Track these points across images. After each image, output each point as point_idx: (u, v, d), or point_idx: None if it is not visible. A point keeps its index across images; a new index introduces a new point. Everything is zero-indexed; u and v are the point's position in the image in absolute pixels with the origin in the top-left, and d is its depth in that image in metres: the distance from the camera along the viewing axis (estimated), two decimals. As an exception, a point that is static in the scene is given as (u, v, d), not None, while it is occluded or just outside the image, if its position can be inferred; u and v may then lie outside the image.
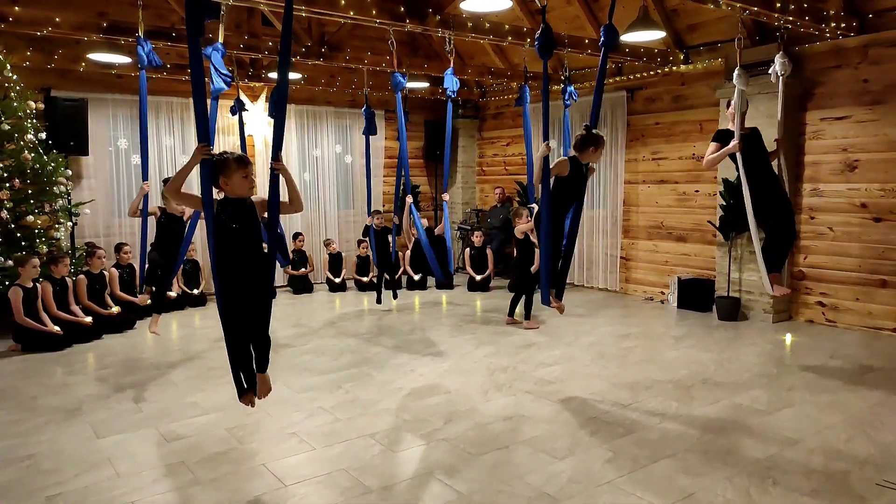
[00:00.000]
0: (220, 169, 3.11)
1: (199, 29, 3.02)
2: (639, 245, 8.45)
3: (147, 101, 5.00)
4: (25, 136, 6.53)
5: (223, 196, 3.18)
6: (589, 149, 4.36)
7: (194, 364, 5.44)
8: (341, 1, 5.03)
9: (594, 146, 4.35)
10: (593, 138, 4.33)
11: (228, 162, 3.13)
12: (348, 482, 3.28)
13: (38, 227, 6.54)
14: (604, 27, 4.21)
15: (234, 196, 3.16)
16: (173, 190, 3.19)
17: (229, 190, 3.15)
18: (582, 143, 4.35)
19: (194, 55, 3.02)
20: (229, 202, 3.16)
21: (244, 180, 3.15)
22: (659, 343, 6.07)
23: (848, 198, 6.40)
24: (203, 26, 3.04)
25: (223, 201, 3.18)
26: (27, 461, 3.55)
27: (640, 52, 7.25)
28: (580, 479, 3.29)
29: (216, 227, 3.10)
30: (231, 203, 3.16)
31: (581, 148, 4.36)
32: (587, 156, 4.39)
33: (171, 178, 3.22)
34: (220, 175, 3.11)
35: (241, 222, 3.14)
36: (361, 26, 6.07)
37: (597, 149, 4.36)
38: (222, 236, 3.12)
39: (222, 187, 3.15)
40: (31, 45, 6.98)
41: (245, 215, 3.16)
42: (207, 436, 3.88)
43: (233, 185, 3.13)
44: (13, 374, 5.22)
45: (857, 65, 6.26)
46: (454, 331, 6.62)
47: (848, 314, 6.47)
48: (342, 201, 10.02)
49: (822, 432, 3.87)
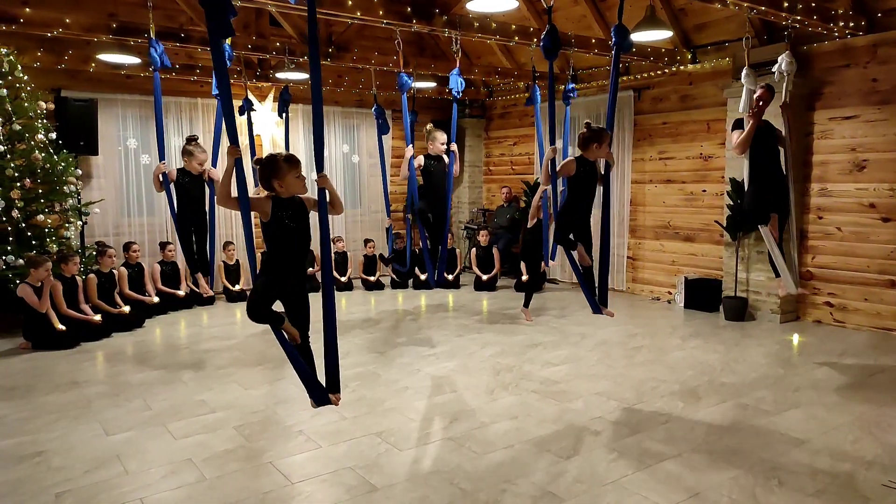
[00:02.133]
0: (272, 172, 3.15)
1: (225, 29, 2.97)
2: (646, 245, 8.43)
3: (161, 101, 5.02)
4: (36, 136, 6.60)
5: (272, 195, 3.21)
6: (592, 146, 4.35)
7: (202, 363, 5.48)
8: (348, 2, 5.06)
9: (596, 142, 4.32)
10: (593, 135, 4.32)
11: (279, 163, 3.16)
12: (354, 480, 3.30)
13: (49, 227, 6.61)
14: (614, 28, 4.20)
15: (288, 196, 3.21)
16: (223, 196, 3.23)
17: (284, 191, 3.20)
18: (584, 141, 4.36)
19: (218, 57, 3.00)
20: (284, 201, 3.21)
21: (297, 179, 3.21)
22: (665, 343, 6.06)
23: (856, 198, 6.37)
24: (229, 25, 2.99)
25: (277, 200, 3.21)
26: (37, 458, 3.59)
27: (648, 51, 7.23)
28: (585, 479, 3.30)
29: (274, 226, 3.17)
30: (285, 202, 3.21)
31: (584, 146, 4.38)
32: (592, 153, 4.37)
33: (218, 188, 3.26)
34: (273, 179, 3.16)
35: (296, 221, 3.23)
36: (369, 27, 6.08)
37: (600, 144, 4.31)
38: (281, 235, 3.21)
39: (277, 189, 3.18)
40: (41, 46, 7.04)
41: (300, 213, 3.25)
42: (215, 434, 3.91)
43: (287, 185, 3.19)
44: (23, 371, 5.28)
45: (866, 64, 6.23)
46: (460, 330, 6.63)
47: (856, 315, 6.44)
48: (349, 201, 10.05)
49: (829, 433, 3.86)
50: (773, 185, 5.11)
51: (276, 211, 3.18)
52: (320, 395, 3.36)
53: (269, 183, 3.18)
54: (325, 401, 3.37)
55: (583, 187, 4.42)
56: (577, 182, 4.41)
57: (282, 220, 3.19)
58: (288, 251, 3.27)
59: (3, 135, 6.40)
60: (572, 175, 4.38)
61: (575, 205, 4.48)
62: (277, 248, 3.25)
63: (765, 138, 5.10)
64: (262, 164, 3.20)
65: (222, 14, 2.92)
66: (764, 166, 5.08)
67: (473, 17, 5.98)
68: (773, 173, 5.13)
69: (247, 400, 4.52)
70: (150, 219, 8.42)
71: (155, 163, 8.35)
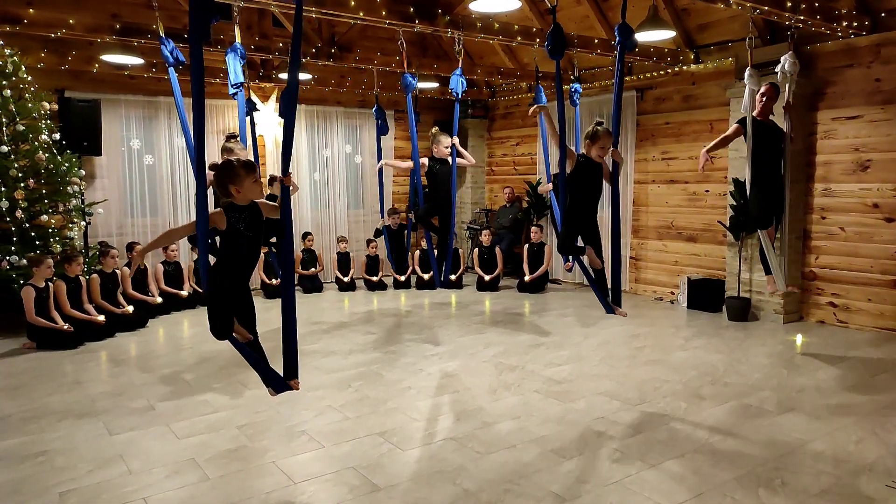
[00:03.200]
0: (229, 178, 3.11)
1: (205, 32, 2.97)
2: (648, 245, 8.42)
3: (181, 98, 4.94)
4: (40, 136, 6.62)
5: (227, 203, 3.17)
6: (585, 142, 4.36)
7: (205, 363, 5.49)
8: (351, 2, 5.06)
9: (590, 140, 4.31)
10: (589, 132, 4.33)
11: (237, 169, 3.12)
12: (357, 480, 3.30)
13: (52, 227, 6.63)
14: (618, 26, 4.19)
15: (245, 202, 3.18)
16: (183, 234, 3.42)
17: (242, 197, 3.16)
18: (587, 139, 4.37)
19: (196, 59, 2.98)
20: (238, 209, 3.18)
21: (255, 184, 3.16)
22: (668, 343, 6.05)
23: (860, 198, 6.35)
24: (209, 30, 3.00)
25: (232, 207, 3.17)
26: (41, 457, 3.60)
27: (650, 51, 7.23)
28: (588, 479, 3.29)
29: (230, 235, 3.15)
30: (239, 210, 3.17)
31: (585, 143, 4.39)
32: (587, 149, 4.36)
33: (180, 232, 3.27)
34: (230, 184, 3.11)
35: (251, 229, 3.21)
36: (371, 27, 6.09)
37: (593, 143, 4.28)
38: (234, 243, 3.19)
39: (234, 195, 3.14)
40: (45, 47, 7.06)
41: (255, 220, 3.23)
42: (218, 434, 3.92)
43: (245, 191, 3.15)
44: (27, 371, 5.29)
45: (870, 64, 6.22)
46: (463, 330, 6.63)
47: (859, 315, 6.42)
48: (352, 201, 10.06)
49: (832, 434, 3.86)
50: (774, 188, 5.13)
51: (229, 219, 3.14)
52: (278, 383, 3.41)
53: (227, 188, 3.13)
54: (284, 387, 3.42)
55: (582, 183, 4.35)
56: (577, 180, 4.36)
57: (237, 229, 3.16)
58: (239, 258, 3.27)
59: (7, 135, 6.41)
60: (572, 171, 4.34)
61: (579, 206, 4.40)
62: (230, 255, 3.25)
63: (770, 139, 5.11)
64: (218, 170, 3.15)
65: (207, 16, 2.92)
66: (766, 168, 5.09)
67: (476, 17, 5.98)
68: (774, 175, 5.15)
69: (249, 400, 4.53)
70: (153, 219, 8.44)
71: (158, 163, 8.40)
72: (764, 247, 5.23)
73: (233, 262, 3.27)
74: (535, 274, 8.83)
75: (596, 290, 4.63)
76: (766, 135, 5.08)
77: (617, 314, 4.61)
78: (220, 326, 3.28)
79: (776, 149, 5.14)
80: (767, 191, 5.10)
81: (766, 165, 5.08)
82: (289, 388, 3.41)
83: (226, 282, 3.28)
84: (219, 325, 3.27)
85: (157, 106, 8.29)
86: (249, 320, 3.47)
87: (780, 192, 5.19)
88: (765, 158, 5.07)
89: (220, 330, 3.28)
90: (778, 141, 5.15)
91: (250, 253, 3.30)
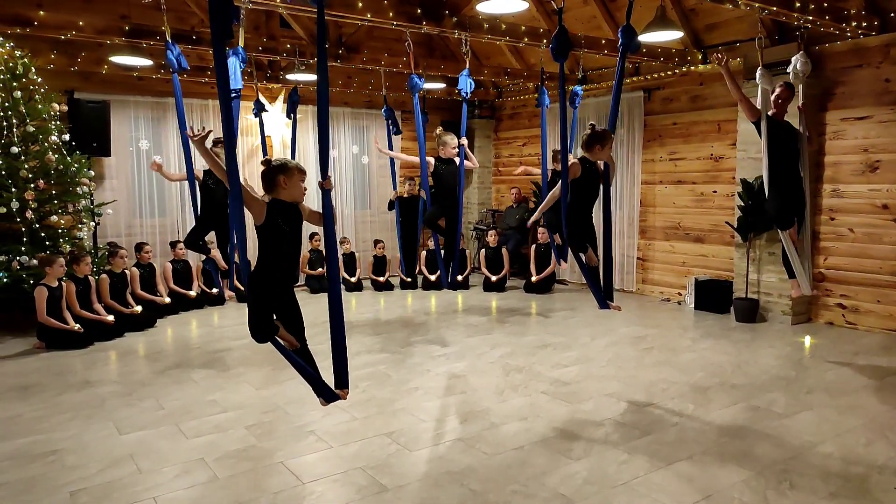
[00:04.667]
0: (281, 170, 3.21)
1: (227, 32, 3.00)
2: (656, 246, 8.40)
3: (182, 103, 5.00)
4: (49, 137, 6.67)
5: (271, 199, 3.24)
6: (595, 147, 4.36)
7: (214, 363, 5.52)
8: (358, 3, 5.07)
9: (599, 144, 4.33)
10: (597, 136, 4.34)
11: (291, 166, 3.25)
12: (364, 480, 3.31)
13: (62, 227, 6.68)
14: (621, 29, 4.20)
15: (289, 199, 3.25)
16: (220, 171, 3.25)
17: (287, 192, 3.23)
18: (588, 142, 4.38)
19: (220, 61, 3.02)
20: (282, 206, 3.24)
21: (301, 184, 3.28)
22: (676, 344, 6.04)
23: (869, 199, 6.32)
24: (231, 29, 3.03)
25: (276, 203, 3.23)
26: (51, 457, 3.63)
27: (658, 51, 7.21)
28: (596, 481, 3.29)
29: (268, 229, 3.19)
30: (281, 207, 3.24)
31: (588, 147, 4.39)
32: (595, 154, 4.38)
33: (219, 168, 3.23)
34: (280, 174, 3.20)
35: (291, 225, 3.26)
36: (378, 28, 6.09)
37: (603, 146, 4.33)
38: (274, 239, 3.22)
39: (281, 186, 3.22)
40: (55, 49, 7.11)
41: (294, 219, 3.29)
42: (226, 433, 3.94)
43: (291, 187, 3.24)
44: (38, 371, 5.33)
45: (879, 64, 6.19)
46: (470, 331, 6.63)
47: (868, 316, 6.39)
48: (359, 202, 10.09)
49: (842, 436, 3.84)
50: (793, 188, 5.08)
51: (270, 214, 3.19)
52: (328, 393, 3.39)
53: (275, 178, 3.20)
54: (333, 397, 3.40)
55: (587, 188, 4.46)
56: (581, 183, 4.42)
57: (276, 223, 3.20)
58: (280, 256, 3.28)
59: (18, 136, 6.47)
60: (578, 177, 4.39)
61: (580, 207, 4.50)
62: (270, 252, 3.25)
63: (786, 139, 5.07)
64: (271, 163, 3.24)
65: (227, 17, 2.94)
66: (784, 168, 5.05)
67: (483, 18, 5.98)
68: (792, 175, 5.11)
69: (258, 400, 4.55)
70: (161, 219, 8.48)
71: (166, 164, 8.43)
72: (786, 249, 5.13)
73: (273, 261, 3.26)
74: (542, 274, 8.83)
75: (592, 286, 4.73)
76: (781, 133, 5.05)
77: (611, 308, 4.72)
78: (262, 328, 3.26)
79: (792, 148, 5.10)
80: (785, 191, 5.05)
81: (780, 164, 5.04)
82: (337, 397, 3.39)
83: (267, 281, 3.27)
84: (260, 327, 3.25)
85: (166, 107, 8.34)
86: (296, 326, 3.44)
87: (799, 191, 5.12)
88: (779, 157, 5.03)
89: (261, 332, 3.27)
90: (793, 140, 5.11)
91: (291, 251, 3.31)
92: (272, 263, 3.27)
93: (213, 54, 3.01)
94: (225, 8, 2.93)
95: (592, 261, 4.66)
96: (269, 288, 3.28)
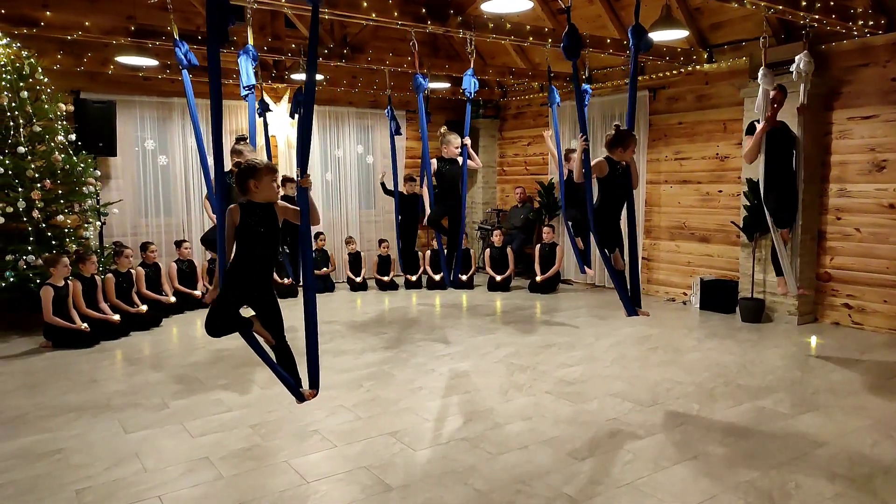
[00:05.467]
0: (251, 174, 3.25)
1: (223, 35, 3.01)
2: (661, 246, 8.38)
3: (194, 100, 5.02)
4: (56, 137, 6.70)
5: (246, 200, 3.29)
6: (617, 148, 4.29)
7: (218, 362, 5.53)
8: (363, 3, 5.08)
9: (622, 146, 4.27)
10: (620, 138, 4.28)
11: (260, 168, 3.27)
12: (369, 480, 3.32)
13: (68, 227, 6.71)
14: (631, 28, 4.17)
15: (262, 201, 3.29)
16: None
17: (259, 194, 3.28)
18: (612, 142, 4.32)
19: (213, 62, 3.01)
20: (254, 206, 3.28)
21: (272, 185, 3.31)
22: (681, 344, 6.02)
23: (875, 198, 6.29)
24: (227, 32, 3.05)
25: (248, 205, 3.28)
26: (57, 455, 3.65)
27: (663, 51, 7.19)
28: (600, 480, 3.29)
29: (242, 230, 3.25)
30: (256, 207, 3.28)
31: (611, 147, 4.33)
32: (617, 155, 4.32)
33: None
34: (251, 179, 3.24)
35: (264, 225, 3.29)
36: (383, 28, 6.10)
37: (625, 148, 4.27)
38: (247, 239, 3.27)
39: (252, 190, 3.27)
40: (61, 49, 7.14)
41: (269, 219, 3.31)
42: (231, 432, 3.95)
43: (263, 189, 3.28)
44: (44, 370, 5.35)
45: (886, 63, 6.16)
46: (474, 331, 6.63)
47: (875, 316, 6.36)
48: (363, 201, 10.10)
49: (847, 436, 3.82)
50: (787, 189, 5.09)
51: (244, 217, 3.27)
52: (297, 393, 3.46)
53: (246, 183, 3.26)
54: (300, 397, 3.47)
55: (616, 189, 4.37)
56: (610, 183, 4.35)
57: (249, 224, 3.27)
58: (252, 255, 3.33)
59: (24, 136, 6.49)
60: (605, 176, 4.34)
61: (609, 207, 4.43)
62: (243, 251, 3.32)
63: (782, 140, 5.06)
64: (241, 168, 3.30)
65: (224, 18, 2.95)
66: (775, 166, 5.04)
67: (488, 17, 5.98)
68: (787, 177, 5.10)
69: (262, 399, 4.56)
70: (167, 219, 8.52)
71: (172, 163, 8.45)
72: (777, 248, 5.19)
73: (245, 260, 3.32)
74: (547, 274, 8.82)
75: (620, 291, 4.56)
76: (777, 135, 5.04)
77: (639, 315, 4.58)
78: (215, 323, 3.32)
79: (787, 149, 5.10)
80: (780, 191, 5.07)
81: (774, 164, 5.05)
82: (304, 398, 3.46)
83: (237, 280, 3.32)
84: (214, 322, 3.32)
85: (171, 107, 8.36)
86: (273, 323, 3.48)
87: (792, 192, 5.15)
88: (773, 158, 5.04)
89: (214, 326, 3.33)
90: (789, 141, 5.10)
91: (264, 251, 3.34)
92: (244, 264, 3.33)
93: (207, 55, 3.03)
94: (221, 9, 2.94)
95: (619, 264, 4.55)
96: (238, 287, 3.33)
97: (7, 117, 6.42)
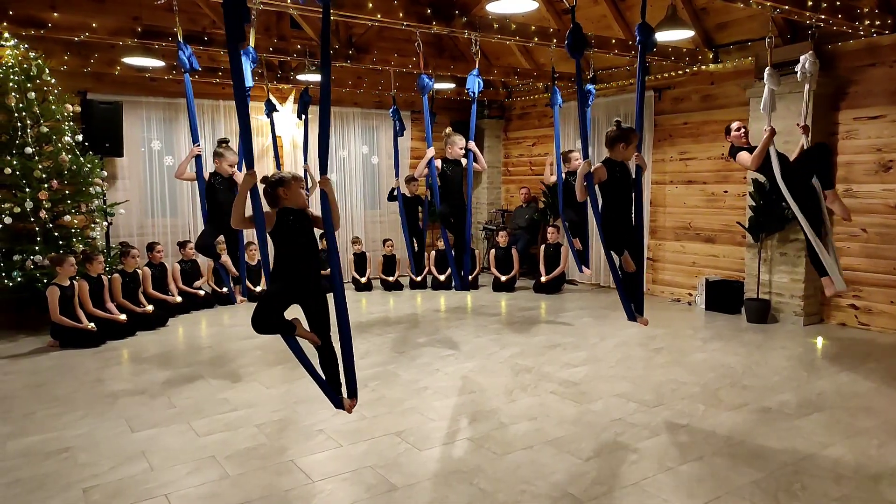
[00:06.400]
0: (280, 183, 3.34)
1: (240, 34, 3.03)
2: (666, 246, 8.37)
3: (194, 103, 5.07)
4: (63, 138, 6.73)
5: (282, 207, 3.36)
6: (619, 146, 4.15)
7: (225, 361, 5.55)
8: (369, 4, 5.09)
9: (623, 142, 4.14)
10: (621, 134, 4.15)
11: (287, 178, 3.37)
12: (374, 479, 3.33)
13: (75, 227, 6.75)
14: (638, 26, 4.12)
15: (292, 206, 3.36)
16: (237, 219, 3.32)
17: (289, 200, 3.36)
18: (611, 140, 4.20)
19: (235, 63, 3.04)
20: (290, 211, 3.37)
21: (300, 192, 3.40)
22: (686, 345, 6.01)
23: (882, 199, 6.27)
24: (244, 31, 3.08)
25: (284, 209, 3.36)
26: (64, 454, 3.67)
27: (669, 51, 7.18)
28: (605, 481, 3.29)
29: (279, 229, 3.32)
30: (292, 211, 3.36)
31: (611, 145, 4.20)
32: (619, 153, 4.18)
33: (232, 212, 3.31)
34: (280, 187, 3.34)
35: (300, 224, 3.37)
36: (388, 28, 6.11)
37: (627, 144, 4.13)
38: (286, 237, 3.34)
39: (281, 197, 3.35)
40: (68, 50, 7.18)
41: (303, 220, 3.39)
42: (237, 432, 3.97)
43: (291, 195, 3.36)
44: (51, 369, 5.38)
45: (893, 63, 6.13)
46: (479, 331, 6.64)
47: (881, 317, 6.33)
48: (368, 202, 10.11)
49: (853, 437, 3.81)
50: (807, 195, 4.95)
51: (280, 217, 3.34)
52: (335, 400, 3.48)
53: (275, 191, 3.33)
54: (339, 405, 3.49)
55: (619, 190, 4.24)
56: (611, 186, 4.23)
57: (286, 223, 3.33)
58: (295, 252, 3.38)
59: (32, 137, 6.53)
60: (605, 180, 4.24)
61: (616, 210, 4.29)
62: (285, 250, 3.37)
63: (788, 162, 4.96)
64: (270, 181, 3.36)
65: (240, 18, 2.98)
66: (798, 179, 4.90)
67: (493, 18, 5.98)
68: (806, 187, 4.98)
69: (268, 399, 4.58)
70: (173, 219, 8.55)
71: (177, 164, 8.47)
72: (815, 247, 4.89)
73: (287, 258, 3.37)
74: (552, 275, 8.82)
75: (622, 294, 4.44)
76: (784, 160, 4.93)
77: (638, 322, 4.48)
78: (261, 319, 3.33)
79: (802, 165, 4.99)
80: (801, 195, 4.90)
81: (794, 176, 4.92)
82: (342, 406, 3.47)
83: (280, 276, 3.37)
84: (260, 318, 3.33)
85: (178, 108, 8.39)
86: (319, 324, 3.49)
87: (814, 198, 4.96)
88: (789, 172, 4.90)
89: (259, 322, 3.34)
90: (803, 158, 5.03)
91: (303, 251, 3.38)
92: (286, 261, 3.38)
93: (229, 55, 3.05)
94: (239, 9, 2.97)
95: (629, 266, 4.38)
96: (284, 284, 3.36)
97: (15, 118, 6.46)
